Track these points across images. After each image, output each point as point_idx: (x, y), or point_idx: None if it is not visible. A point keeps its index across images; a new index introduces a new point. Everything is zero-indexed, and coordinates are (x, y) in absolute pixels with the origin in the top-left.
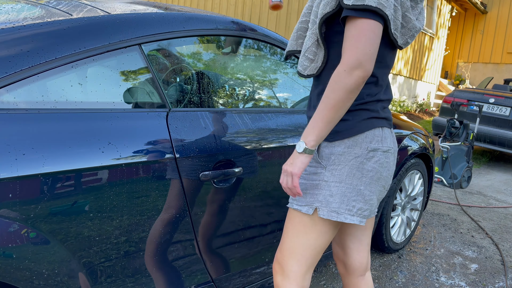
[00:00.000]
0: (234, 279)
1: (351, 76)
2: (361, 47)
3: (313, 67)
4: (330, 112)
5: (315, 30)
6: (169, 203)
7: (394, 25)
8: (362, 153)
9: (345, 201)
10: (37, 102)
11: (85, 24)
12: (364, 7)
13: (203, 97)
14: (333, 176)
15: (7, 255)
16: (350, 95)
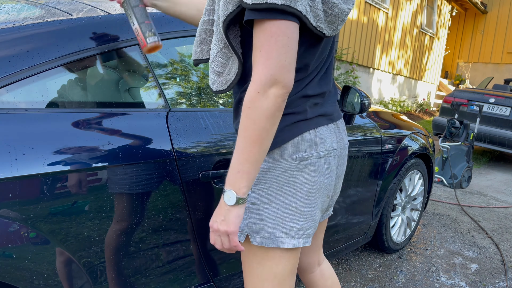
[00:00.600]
0: (234, 279)
1: (268, 98)
2: (274, 58)
3: (222, 81)
4: (255, 148)
5: (219, 35)
6: (169, 203)
7: (315, 16)
8: (290, 166)
9: (279, 224)
10: (37, 102)
11: (85, 24)
12: (267, 6)
13: (203, 97)
14: (260, 197)
15: (7, 255)
16: (273, 121)
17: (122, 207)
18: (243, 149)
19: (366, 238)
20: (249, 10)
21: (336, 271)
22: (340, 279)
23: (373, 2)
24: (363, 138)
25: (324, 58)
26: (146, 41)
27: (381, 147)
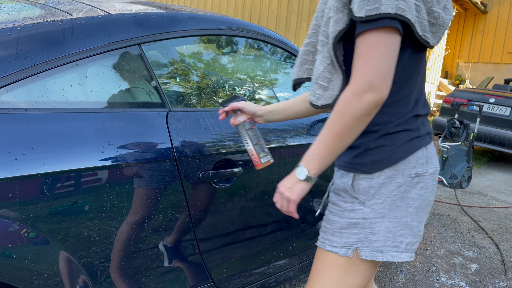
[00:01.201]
0: (234, 279)
1: (361, 101)
2: (373, 65)
3: (327, 96)
4: (335, 140)
5: (327, 53)
6: (169, 203)
7: (421, 26)
8: (405, 181)
9: (390, 238)
10: (37, 102)
11: (85, 24)
12: (380, 16)
13: (203, 97)
14: (374, 212)
15: (7, 255)
16: (359, 123)
17: (122, 207)
18: (325, 138)
19: None
20: (360, 23)
21: None
22: None
23: None
24: None
25: (424, 80)
26: (260, 161)
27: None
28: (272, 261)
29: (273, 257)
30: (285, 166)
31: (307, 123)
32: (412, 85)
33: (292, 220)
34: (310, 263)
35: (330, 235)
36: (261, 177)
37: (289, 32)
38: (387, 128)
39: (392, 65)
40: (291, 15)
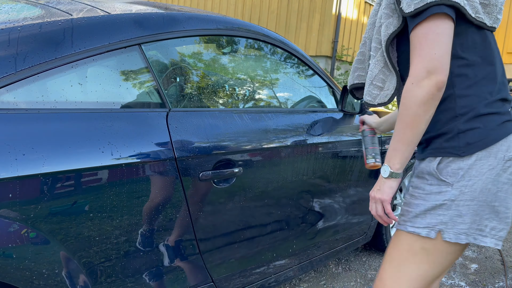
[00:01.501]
0: (234, 279)
1: (421, 88)
2: (425, 53)
3: (383, 95)
4: (407, 131)
5: (380, 56)
6: (169, 203)
7: (473, 8)
8: (497, 164)
9: (476, 221)
10: (37, 102)
11: (85, 24)
12: (428, 5)
13: (203, 97)
14: (462, 194)
15: (7, 255)
16: (425, 108)
17: (122, 207)
18: (399, 131)
19: (366, 238)
20: (411, 19)
21: (336, 271)
22: (340, 279)
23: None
24: None
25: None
26: (366, 161)
27: (381, 147)
28: (272, 261)
29: (273, 257)
30: (285, 166)
31: (307, 123)
32: (491, 64)
33: (292, 220)
34: (310, 263)
35: (412, 217)
36: (261, 177)
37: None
38: (477, 109)
39: (446, 49)
40: (291, 15)
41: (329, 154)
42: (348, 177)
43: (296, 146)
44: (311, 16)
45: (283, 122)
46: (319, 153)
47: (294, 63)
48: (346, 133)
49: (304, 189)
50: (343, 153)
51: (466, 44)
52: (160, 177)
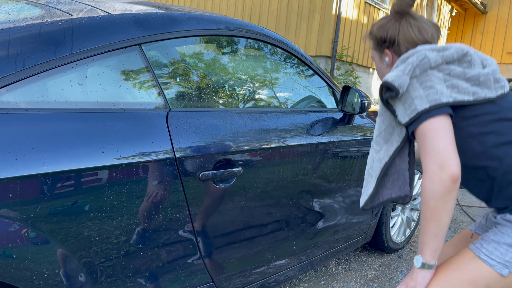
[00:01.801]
0: (234, 279)
1: (435, 183)
2: (430, 152)
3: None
4: (432, 224)
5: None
6: (169, 203)
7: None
8: None
9: None
10: (37, 102)
11: (85, 24)
12: (420, 113)
13: (203, 97)
14: None
15: (7, 255)
16: (444, 201)
17: (122, 207)
18: (424, 225)
19: (366, 238)
20: (409, 126)
21: (336, 271)
22: (340, 279)
23: (372, 2)
24: (363, 138)
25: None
26: None
27: None
28: (272, 261)
29: (273, 257)
30: (285, 166)
31: (307, 123)
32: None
33: (292, 220)
34: (310, 263)
35: (492, 247)
36: (261, 177)
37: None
38: None
39: (447, 141)
40: (291, 15)
41: (329, 154)
42: (348, 177)
43: (296, 146)
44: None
45: (283, 122)
46: (319, 153)
47: (294, 63)
48: (346, 133)
49: (304, 189)
50: (343, 153)
51: (484, 120)
52: (160, 177)
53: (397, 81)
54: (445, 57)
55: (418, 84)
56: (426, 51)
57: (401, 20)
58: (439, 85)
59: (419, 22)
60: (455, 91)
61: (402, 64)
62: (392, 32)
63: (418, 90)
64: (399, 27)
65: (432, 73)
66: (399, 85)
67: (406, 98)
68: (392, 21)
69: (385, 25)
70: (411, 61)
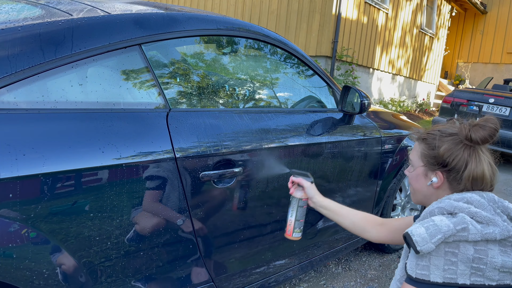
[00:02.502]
0: (234, 279)
1: None
2: None
3: None
4: None
5: None
6: (169, 203)
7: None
8: None
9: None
10: (37, 102)
11: (85, 24)
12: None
13: (203, 97)
14: None
15: (7, 255)
16: None
17: (122, 207)
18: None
19: None
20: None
21: (336, 271)
22: (340, 279)
23: (372, 2)
24: (363, 138)
25: None
26: (292, 234)
27: (380, 147)
28: (272, 261)
29: (273, 257)
30: (285, 166)
31: (307, 123)
32: None
33: None
34: (310, 263)
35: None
36: (261, 177)
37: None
38: None
39: None
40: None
41: (329, 154)
42: (348, 177)
43: (296, 146)
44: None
45: (283, 122)
46: (319, 153)
47: (294, 63)
48: (346, 133)
49: None
50: (343, 153)
51: None
52: (160, 177)
53: (421, 245)
54: (486, 236)
55: (443, 253)
56: (470, 221)
57: (471, 151)
58: (462, 265)
59: (489, 158)
60: (479, 274)
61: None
62: (460, 163)
63: (439, 260)
64: (468, 158)
65: (465, 247)
66: (420, 250)
67: (424, 257)
68: (462, 149)
69: (453, 150)
70: (445, 227)
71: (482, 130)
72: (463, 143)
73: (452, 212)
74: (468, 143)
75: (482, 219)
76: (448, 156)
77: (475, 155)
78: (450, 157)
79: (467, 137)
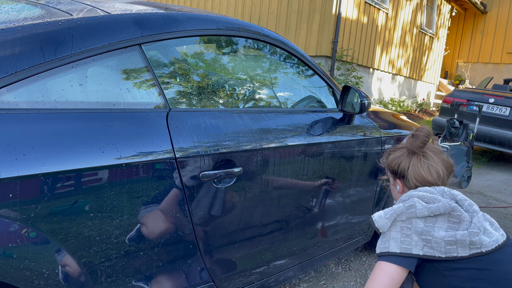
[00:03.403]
0: (234, 279)
1: None
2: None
3: None
4: None
5: None
6: (169, 203)
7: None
8: None
9: None
10: (37, 102)
11: (85, 24)
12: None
13: (203, 97)
14: None
15: (7, 255)
16: None
17: (122, 207)
18: None
19: (366, 238)
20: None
21: (336, 271)
22: (340, 279)
23: (372, 2)
24: (363, 138)
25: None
26: None
27: (381, 147)
28: (272, 261)
29: (273, 257)
30: (284, 166)
31: (307, 123)
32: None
33: (292, 220)
34: (310, 262)
35: None
36: (261, 177)
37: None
38: None
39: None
40: (291, 15)
41: (329, 154)
42: (348, 177)
43: (296, 146)
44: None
45: (283, 122)
46: (319, 153)
47: (294, 63)
48: (346, 133)
49: (304, 189)
50: (343, 153)
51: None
52: (160, 177)
53: (378, 221)
54: (431, 210)
55: (399, 228)
56: (417, 201)
57: (412, 157)
58: (415, 237)
59: (430, 161)
60: (429, 246)
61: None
62: (403, 167)
63: (397, 234)
64: (409, 164)
65: (416, 222)
66: (378, 226)
67: (385, 234)
68: (404, 156)
69: (398, 158)
70: (397, 208)
71: (415, 139)
72: (407, 152)
73: (405, 199)
74: (410, 151)
75: (428, 200)
76: (394, 165)
77: (416, 161)
78: (395, 165)
79: (406, 147)
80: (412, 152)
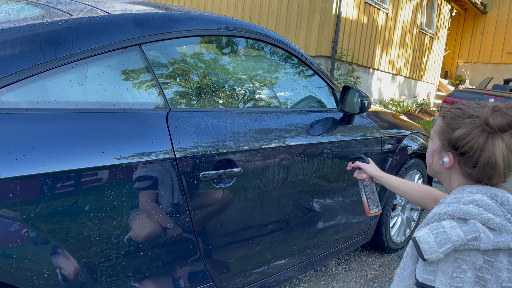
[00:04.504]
0: (234, 279)
1: None
2: None
3: None
4: None
5: None
6: (169, 203)
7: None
8: None
9: None
10: (37, 102)
11: (85, 24)
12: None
13: (203, 97)
14: None
15: (7, 255)
16: None
17: (122, 207)
18: None
19: (366, 238)
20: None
21: (336, 271)
22: (340, 279)
23: (372, 2)
24: (363, 138)
25: None
26: (370, 211)
27: (381, 147)
28: (272, 261)
29: (273, 257)
30: (284, 166)
31: (307, 123)
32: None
33: (292, 220)
34: (310, 263)
35: None
36: (261, 177)
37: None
38: None
39: None
40: (291, 15)
41: (329, 154)
42: (347, 177)
43: (296, 146)
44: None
45: (283, 122)
46: (319, 153)
47: (294, 63)
48: (346, 133)
49: (304, 189)
50: (343, 153)
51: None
52: (160, 177)
53: (429, 253)
54: (498, 244)
55: (452, 259)
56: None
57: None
58: (470, 272)
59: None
60: (481, 284)
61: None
62: (473, 149)
63: (448, 266)
64: (482, 145)
65: (476, 256)
66: (428, 259)
67: (432, 262)
68: (478, 134)
69: (468, 134)
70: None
71: (502, 117)
72: (481, 127)
73: (462, 218)
74: (486, 128)
75: (494, 226)
76: (461, 140)
77: (491, 143)
78: (463, 141)
79: (486, 122)
80: (489, 132)
